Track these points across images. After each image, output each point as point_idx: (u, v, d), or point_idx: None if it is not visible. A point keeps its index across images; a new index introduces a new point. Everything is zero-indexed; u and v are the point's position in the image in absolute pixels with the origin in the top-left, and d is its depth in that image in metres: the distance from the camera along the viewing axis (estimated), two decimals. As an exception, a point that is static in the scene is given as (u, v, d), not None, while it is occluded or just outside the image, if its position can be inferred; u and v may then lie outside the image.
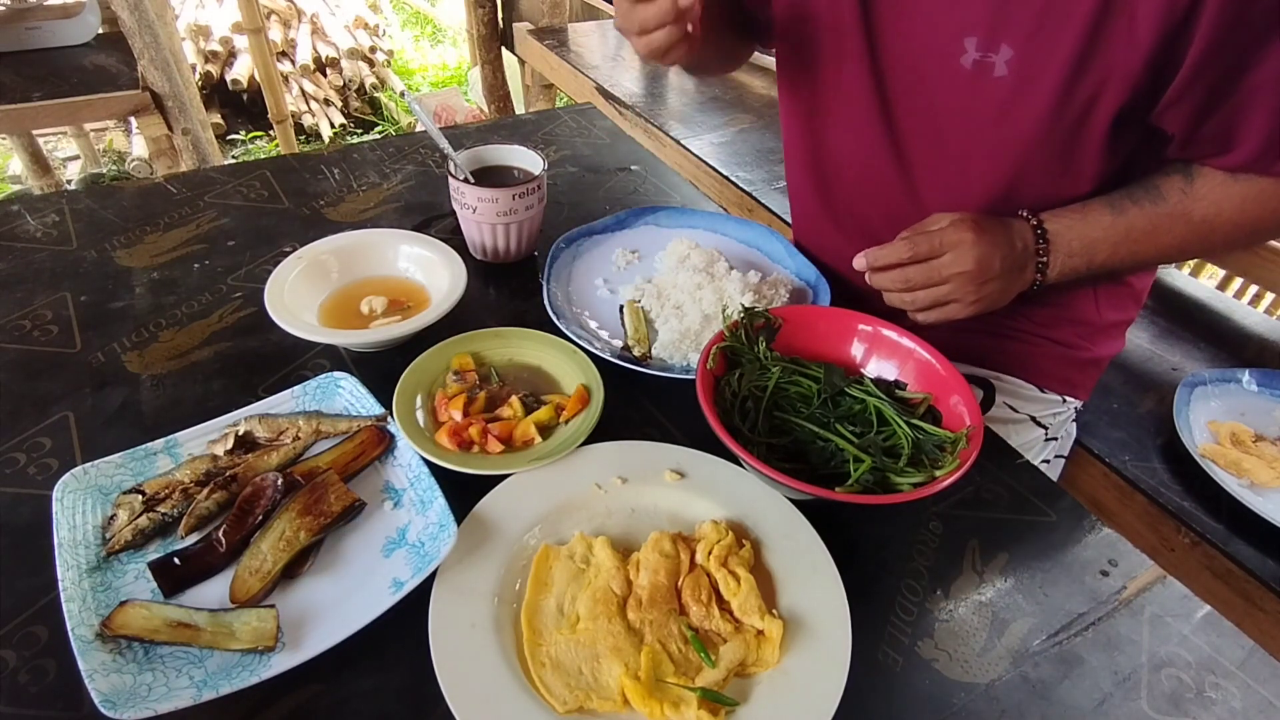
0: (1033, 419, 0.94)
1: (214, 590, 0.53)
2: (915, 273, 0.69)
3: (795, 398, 0.65)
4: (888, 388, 0.67)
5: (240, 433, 0.62)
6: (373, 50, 3.66)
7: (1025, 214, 0.73)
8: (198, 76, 3.17)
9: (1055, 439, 0.98)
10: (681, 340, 0.75)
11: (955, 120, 0.74)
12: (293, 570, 0.54)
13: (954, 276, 0.68)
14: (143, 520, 0.55)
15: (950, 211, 0.71)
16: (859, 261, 0.72)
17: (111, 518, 0.55)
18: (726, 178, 1.69)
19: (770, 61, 2.35)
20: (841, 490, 0.56)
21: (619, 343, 0.77)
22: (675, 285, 0.82)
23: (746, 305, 0.74)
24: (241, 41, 3.24)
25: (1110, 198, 0.73)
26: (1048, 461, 0.98)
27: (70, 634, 0.47)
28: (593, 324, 0.79)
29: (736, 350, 0.68)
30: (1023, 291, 0.74)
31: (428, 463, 0.60)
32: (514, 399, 0.67)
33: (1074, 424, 1.00)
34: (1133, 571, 0.62)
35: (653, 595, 0.53)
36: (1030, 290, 0.74)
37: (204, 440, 0.62)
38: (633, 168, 1.14)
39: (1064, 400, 0.95)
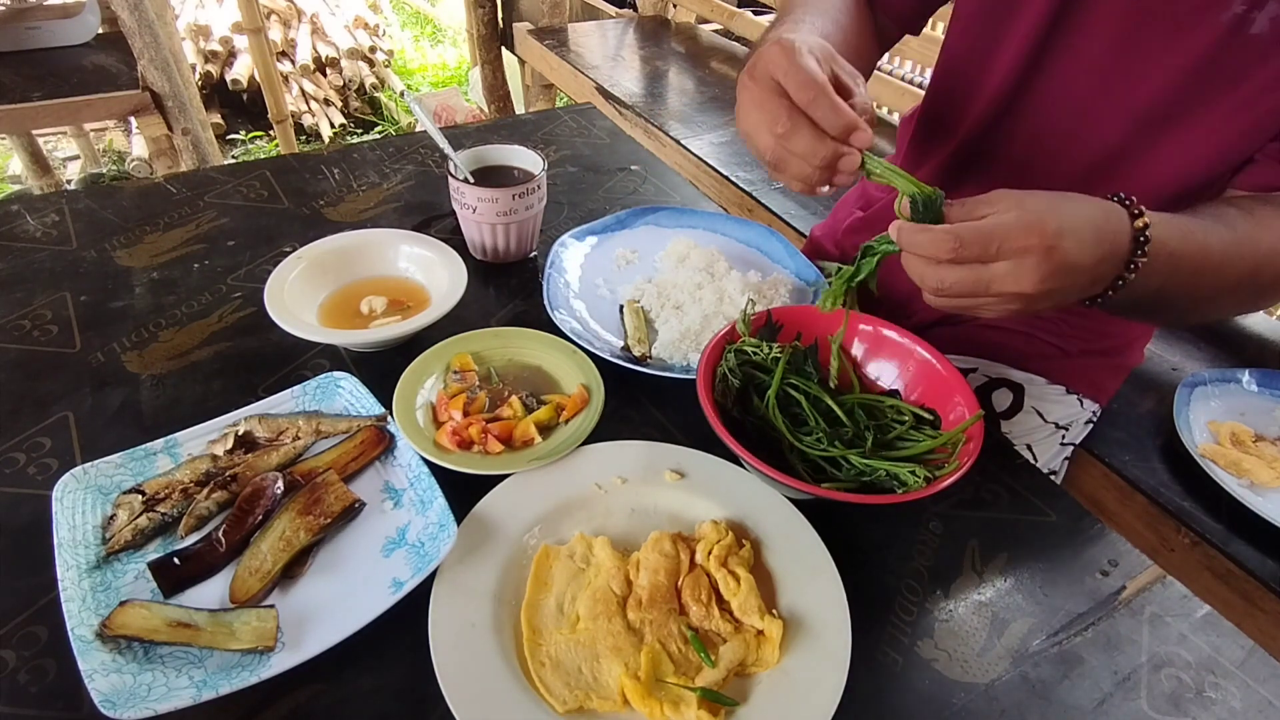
0: (1056, 425, 0.95)
1: (214, 590, 0.53)
2: (955, 280, 0.52)
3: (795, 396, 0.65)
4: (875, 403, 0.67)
5: (240, 433, 0.62)
6: (373, 50, 3.66)
7: (1131, 204, 0.55)
8: (198, 76, 3.16)
9: (1071, 444, 0.98)
10: (681, 340, 0.75)
11: (1197, 81, 0.65)
12: (293, 570, 0.54)
13: (1004, 294, 0.52)
14: (143, 520, 0.55)
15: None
16: (892, 229, 0.56)
17: (111, 518, 0.55)
18: (726, 178, 1.69)
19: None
20: (836, 486, 0.56)
21: (619, 343, 0.77)
22: (675, 285, 0.82)
23: (745, 306, 0.74)
24: (241, 41, 3.24)
25: (1191, 217, 0.59)
26: (1055, 472, 0.98)
27: (70, 634, 0.47)
28: (593, 324, 0.79)
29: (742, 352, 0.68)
30: (1074, 304, 0.60)
31: (428, 463, 0.60)
32: (514, 399, 0.67)
33: (1088, 425, 1.00)
34: (1133, 571, 0.62)
35: (653, 595, 0.53)
36: (1080, 304, 0.59)
37: (204, 440, 0.62)
38: (633, 168, 1.14)
39: (1082, 404, 0.96)
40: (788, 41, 0.56)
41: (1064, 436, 0.96)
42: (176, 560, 0.53)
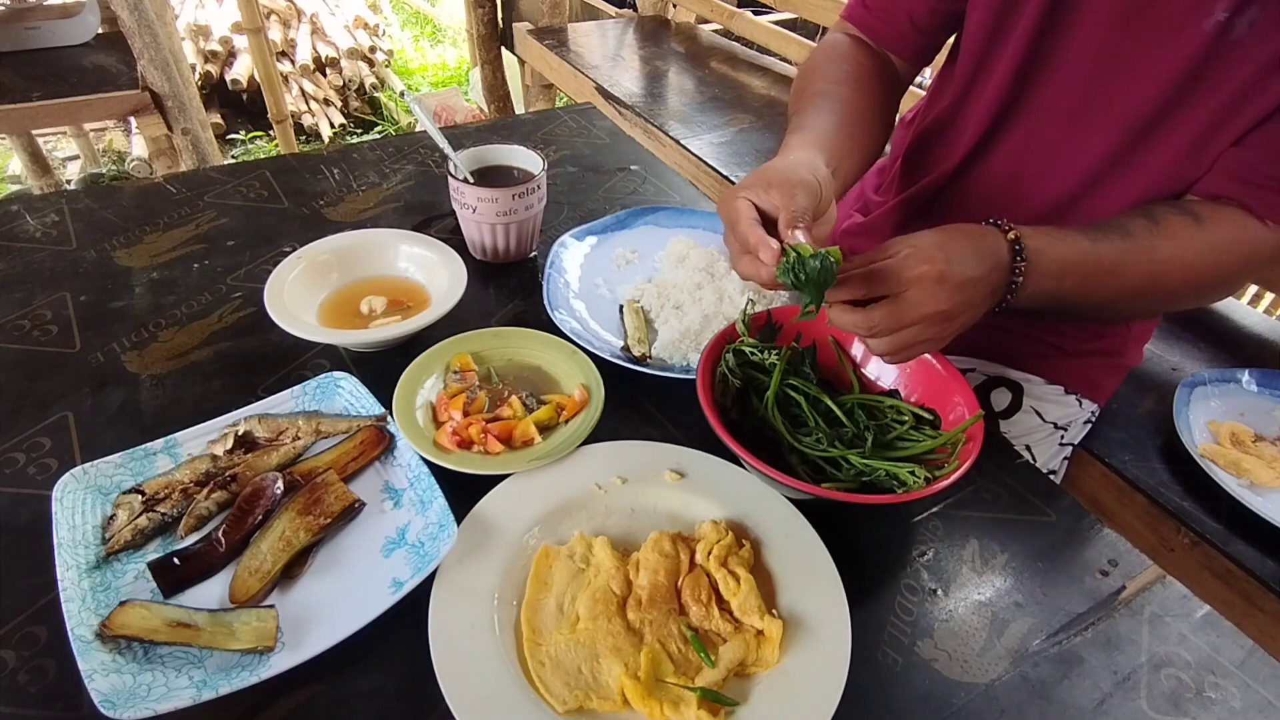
0: (1055, 425, 0.95)
1: (214, 590, 0.53)
2: (880, 317, 0.59)
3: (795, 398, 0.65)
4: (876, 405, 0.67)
5: (240, 433, 0.62)
6: (373, 50, 3.66)
7: (1001, 224, 0.63)
8: (197, 76, 3.17)
9: (1070, 444, 0.98)
10: (681, 340, 0.75)
11: (1183, 88, 0.68)
12: (292, 570, 0.54)
13: (923, 317, 0.58)
14: (142, 520, 0.55)
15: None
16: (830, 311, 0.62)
17: (111, 518, 0.55)
18: (726, 178, 1.69)
19: (770, 61, 2.36)
20: (835, 486, 0.56)
21: (619, 343, 0.77)
22: (675, 285, 0.82)
23: (745, 306, 0.74)
24: (241, 41, 3.24)
25: (1083, 228, 0.67)
26: (1054, 472, 0.98)
27: (70, 634, 0.47)
28: (593, 324, 0.79)
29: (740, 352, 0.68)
30: (987, 311, 0.65)
31: (428, 463, 0.60)
32: (514, 399, 0.67)
33: (1087, 425, 1.00)
34: (1132, 571, 0.62)
35: (652, 595, 0.53)
36: (994, 310, 0.65)
37: (204, 440, 0.62)
38: (633, 168, 1.14)
39: (1081, 404, 0.96)
40: (730, 191, 0.64)
41: (1062, 437, 0.96)
42: (176, 560, 0.53)
